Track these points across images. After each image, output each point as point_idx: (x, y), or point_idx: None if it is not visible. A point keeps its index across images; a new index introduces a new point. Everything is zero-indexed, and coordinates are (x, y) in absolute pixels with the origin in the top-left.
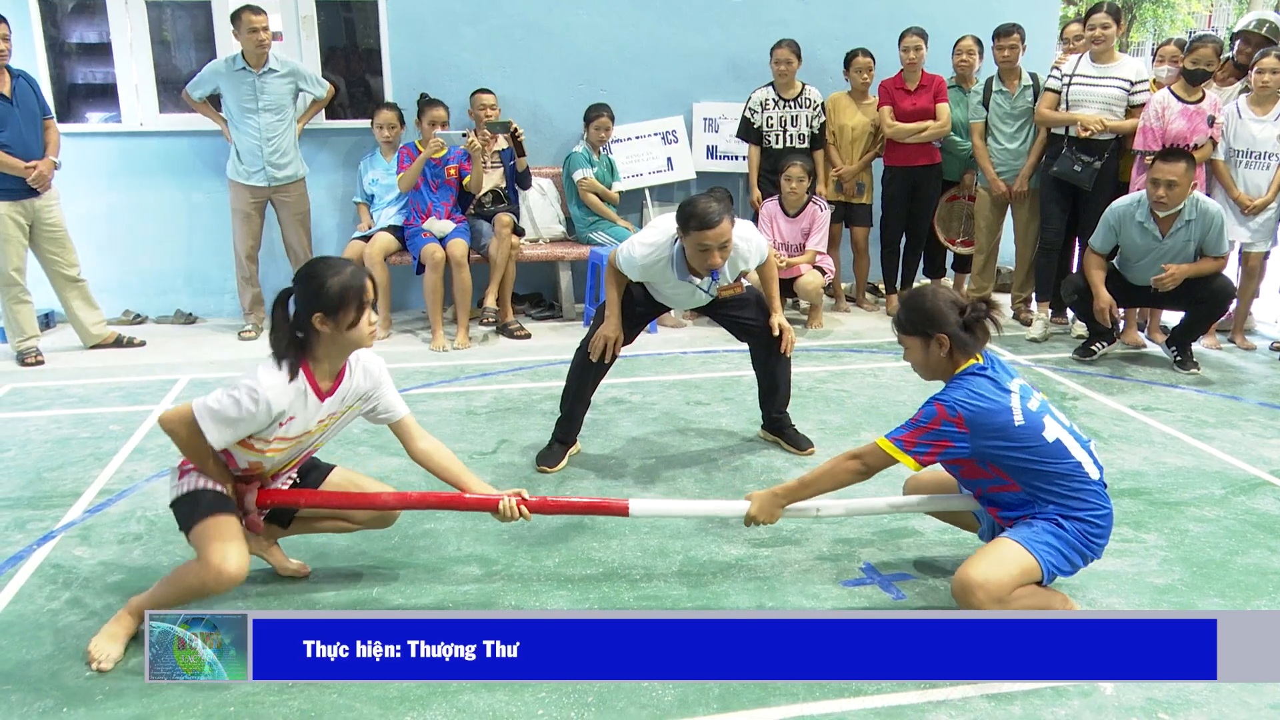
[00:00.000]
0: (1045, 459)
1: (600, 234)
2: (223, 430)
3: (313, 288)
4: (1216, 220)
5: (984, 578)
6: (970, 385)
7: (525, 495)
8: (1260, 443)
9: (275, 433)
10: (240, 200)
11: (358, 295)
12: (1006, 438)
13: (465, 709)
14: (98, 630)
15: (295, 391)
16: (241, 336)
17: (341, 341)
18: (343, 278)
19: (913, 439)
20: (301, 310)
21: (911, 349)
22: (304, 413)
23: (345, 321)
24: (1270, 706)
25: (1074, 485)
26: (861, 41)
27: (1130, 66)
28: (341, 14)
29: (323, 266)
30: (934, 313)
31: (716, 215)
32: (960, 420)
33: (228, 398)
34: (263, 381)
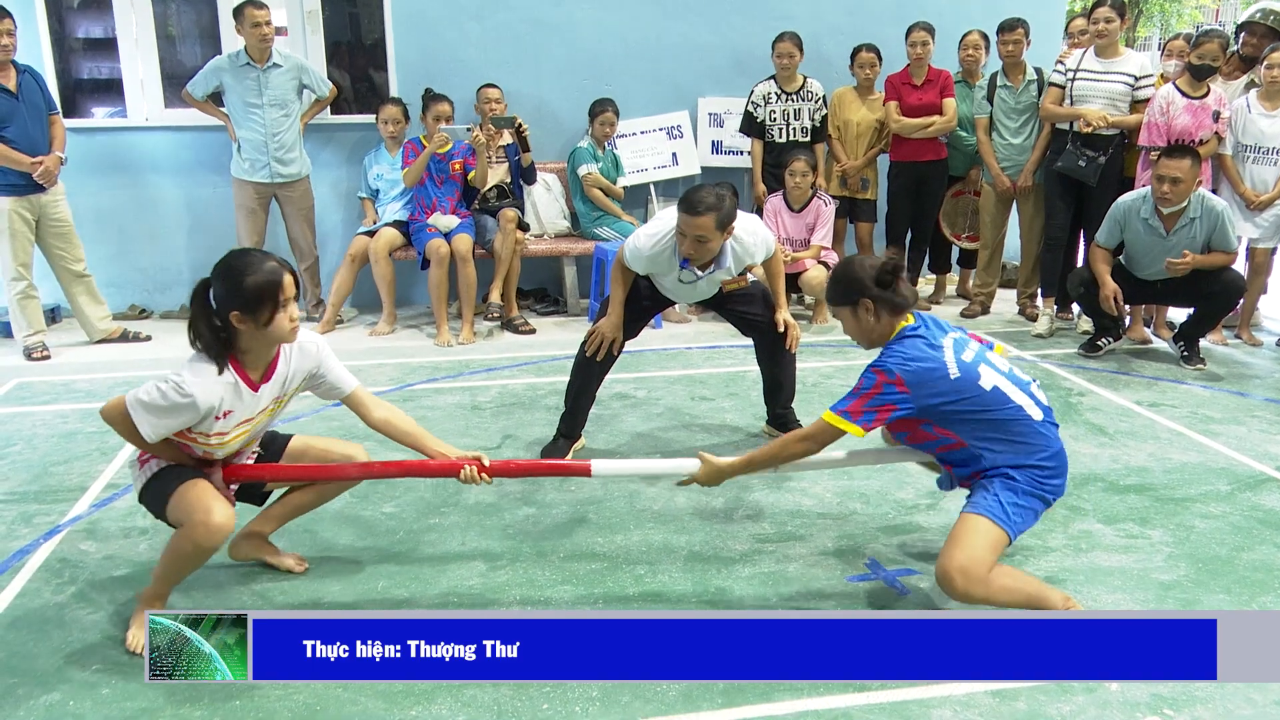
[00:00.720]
0: (985, 408)
1: (605, 229)
2: (153, 422)
3: (230, 284)
4: (1222, 217)
5: (959, 563)
6: (904, 348)
7: (484, 460)
8: (1267, 439)
9: (215, 426)
10: (244, 196)
11: (273, 294)
12: (945, 393)
13: (470, 703)
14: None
15: (224, 385)
16: None
17: (263, 337)
18: (259, 276)
19: (858, 408)
20: (220, 306)
21: (844, 319)
22: (240, 404)
23: (262, 319)
24: (1276, 703)
25: (1017, 430)
26: (867, 36)
27: (1135, 61)
28: (346, 9)
29: (241, 262)
30: (853, 281)
31: (700, 206)
32: (900, 381)
33: (156, 390)
34: (188, 378)
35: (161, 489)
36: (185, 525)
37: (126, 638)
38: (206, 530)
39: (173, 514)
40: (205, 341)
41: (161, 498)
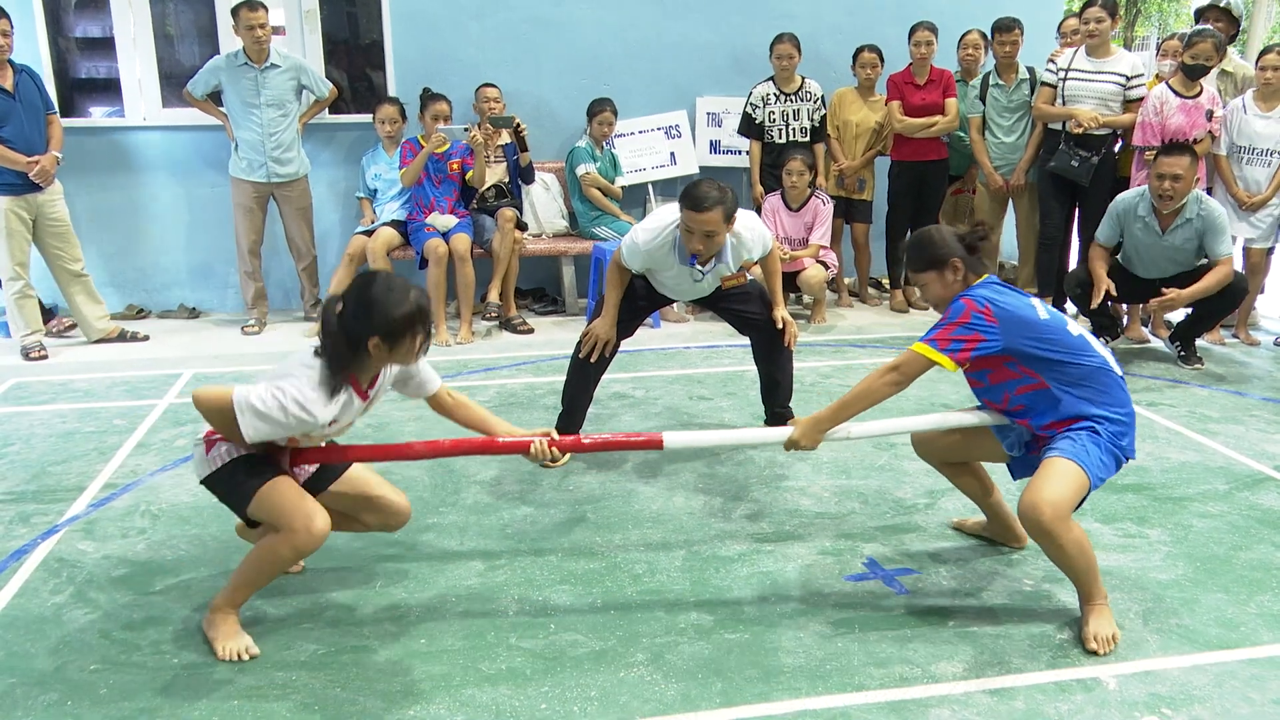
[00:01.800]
0: (1073, 353)
1: (603, 229)
2: (261, 428)
3: (374, 311)
4: (1219, 221)
5: (1049, 497)
6: (989, 289)
7: (554, 435)
8: (1264, 438)
9: (318, 433)
10: (242, 195)
11: (421, 326)
12: (1034, 332)
13: (468, 702)
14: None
15: (340, 403)
16: (244, 331)
17: (389, 362)
18: (407, 307)
19: (945, 335)
20: (356, 330)
21: (930, 284)
22: (348, 414)
23: (402, 350)
24: (1274, 701)
25: (1102, 380)
26: (867, 36)
27: (1126, 61)
28: (344, 8)
29: (385, 290)
30: (942, 243)
31: (707, 202)
32: (989, 312)
33: (274, 400)
34: (310, 396)
35: (242, 484)
36: (285, 532)
37: (217, 650)
38: (310, 537)
39: (260, 514)
40: (336, 363)
41: (243, 494)
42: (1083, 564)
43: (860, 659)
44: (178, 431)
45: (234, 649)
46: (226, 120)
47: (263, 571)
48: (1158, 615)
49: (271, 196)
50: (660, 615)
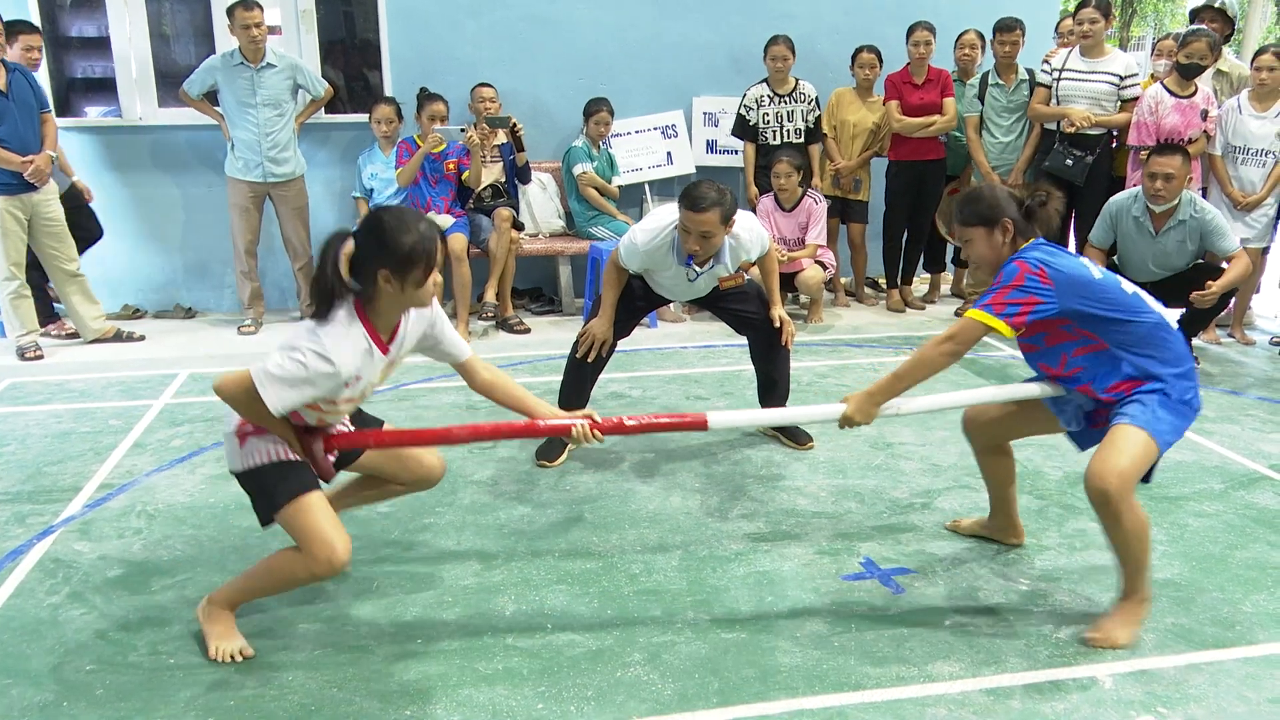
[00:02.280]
0: (1131, 311)
1: (600, 228)
2: (286, 394)
3: (381, 241)
4: (1214, 222)
5: (1117, 467)
6: (1040, 251)
7: (596, 417)
8: (1260, 437)
9: (343, 394)
10: (238, 195)
11: (427, 256)
12: (1091, 292)
13: (465, 703)
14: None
15: (360, 352)
16: (241, 331)
17: (402, 301)
18: (414, 235)
19: (1000, 299)
20: (365, 262)
21: (975, 240)
22: (369, 369)
23: (411, 281)
24: (1270, 700)
25: (1160, 337)
26: (865, 36)
27: (1120, 61)
28: (341, 7)
29: (393, 219)
30: (995, 202)
31: (704, 202)
32: (1043, 274)
33: (291, 361)
34: (328, 344)
35: (272, 491)
36: (306, 555)
37: (209, 649)
38: (330, 566)
39: (285, 527)
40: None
41: (272, 501)
42: (1137, 548)
43: (857, 658)
44: (174, 432)
45: (227, 650)
46: (222, 120)
47: (273, 584)
48: (1153, 614)
49: (268, 196)
50: (657, 615)
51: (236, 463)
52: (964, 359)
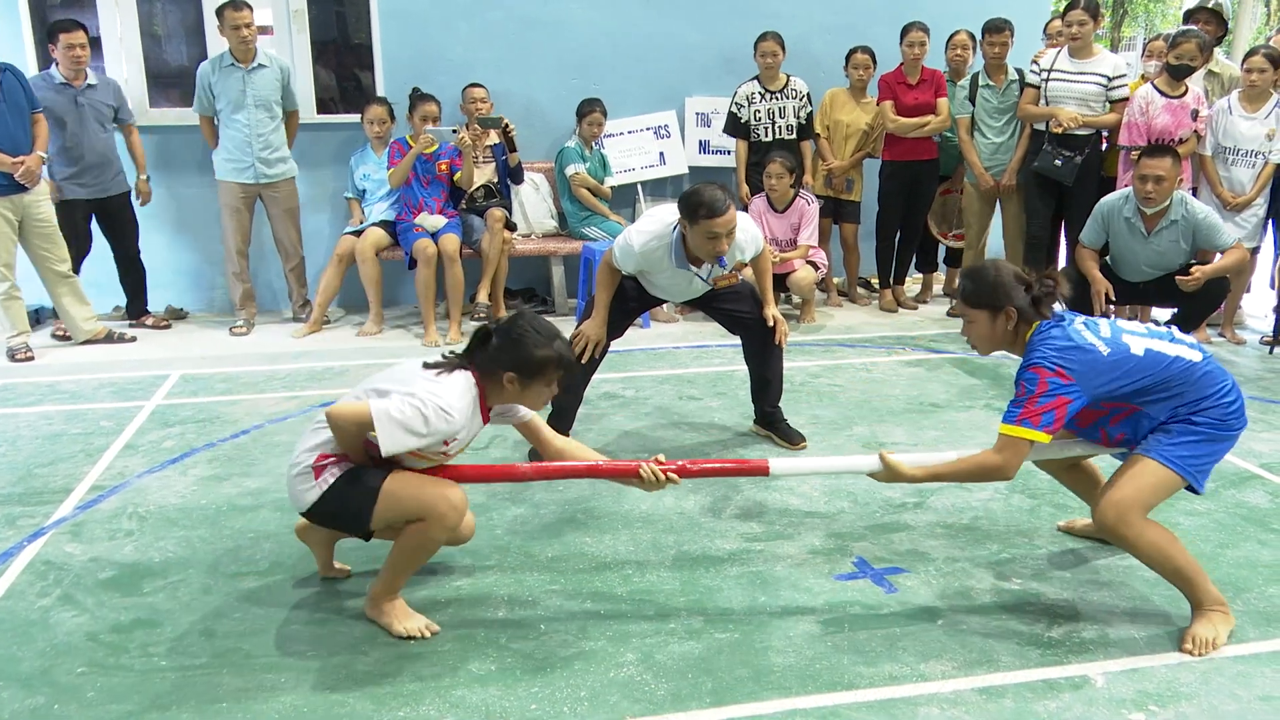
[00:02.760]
0: (1148, 372)
1: (593, 229)
2: (400, 437)
3: (517, 348)
4: (1205, 220)
5: (1116, 498)
6: (1047, 343)
7: (662, 459)
8: (1250, 436)
9: (439, 449)
10: (229, 196)
11: (556, 373)
12: (1108, 373)
13: (459, 704)
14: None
15: (472, 414)
16: (233, 332)
17: (519, 400)
18: (548, 352)
19: (1033, 411)
20: (496, 361)
21: (977, 322)
22: (468, 434)
23: (532, 391)
24: (1260, 698)
25: (1189, 381)
26: (856, 35)
27: (1109, 62)
28: (333, 8)
29: (533, 332)
30: (1003, 286)
31: (723, 203)
32: (1062, 373)
33: (412, 409)
34: (452, 401)
35: (360, 491)
36: (431, 516)
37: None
38: (456, 510)
39: (391, 512)
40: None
41: (364, 499)
42: (1168, 567)
43: (850, 658)
44: (165, 433)
45: (414, 627)
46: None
47: (416, 558)
48: (1145, 613)
49: (259, 197)
50: (650, 615)
51: (313, 494)
52: (955, 359)
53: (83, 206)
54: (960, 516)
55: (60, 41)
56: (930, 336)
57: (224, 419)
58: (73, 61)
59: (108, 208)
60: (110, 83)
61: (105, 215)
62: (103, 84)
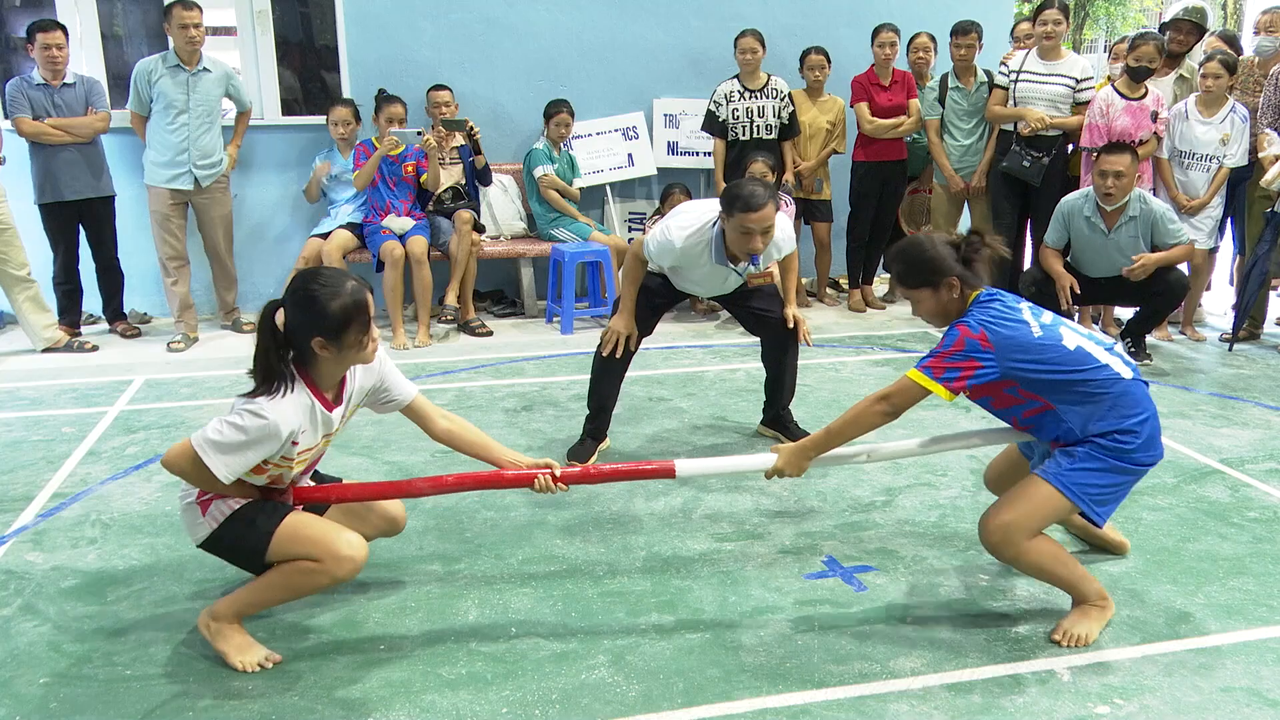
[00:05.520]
0: (1072, 367)
1: (562, 230)
2: (230, 460)
3: (310, 310)
4: (1162, 215)
5: (1000, 521)
6: (983, 310)
7: (556, 469)
8: (1210, 432)
9: (288, 451)
10: (159, 203)
11: (361, 315)
12: (1030, 352)
13: (429, 709)
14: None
15: (302, 408)
16: (170, 348)
17: (344, 361)
18: (343, 298)
19: (940, 363)
20: (298, 333)
21: (923, 300)
22: (315, 427)
23: (348, 344)
24: (1221, 690)
25: (1108, 390)
26: (820, 37)
27: (1076, 64)
28: (297, 8)
29: (317, 285)
30: (936, 260)
31: (762, 198)
32: (984, 338)
33: (229, 426)
34: (264, 404)
35: (253, 531)
36: (325, 560)
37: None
38: (354, 564)
39: (285, 553)
40: (275, 372)
41: (257, 539)
42: (1054, 578)
43: (820, 656)
44: (129, 439)
45: (253, 661)
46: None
47: (288, 594)
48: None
49: (189, 204)
50: (621, 617)
51: (202, 531)
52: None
53: (69, 209)
54: (928, 515)
55: (38, 41)
56: (898, 336)
57: (189, 424)
58: (49, 61)
59: (92, 210)
60: (88, 82)
61: (88, 218)
62: (80, 84)
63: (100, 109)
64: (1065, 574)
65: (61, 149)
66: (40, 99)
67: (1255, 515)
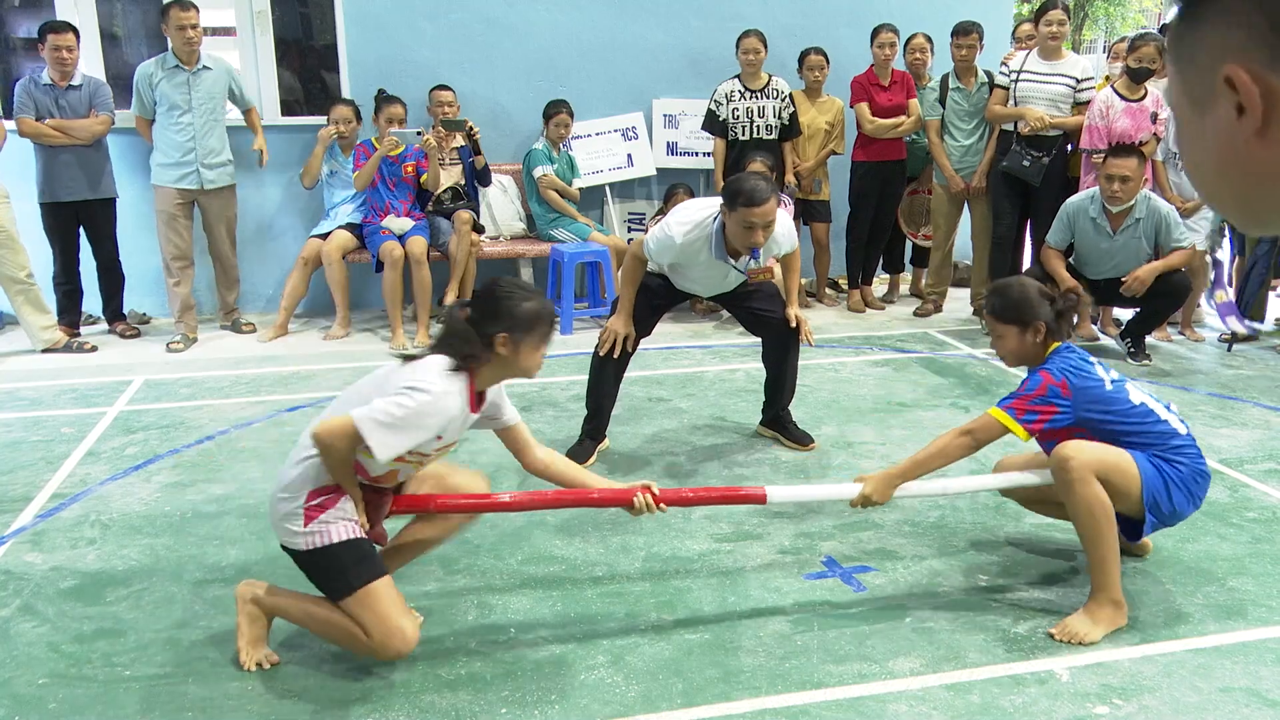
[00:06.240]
0: (1136, 421)
1: (561, 231)
2: (391, 440)
3: (502, 305)
4: (1168, 217)
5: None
6: (1063, 359)
7: (654, 489)
8: (1210, 432)
9: (429, 446)
10: (166, 203)
11: (548, 323)
12: (1102, 403)
13: (428, 709)
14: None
15: (460, 404)
16: (170, 348)
17: (511, 368)
18: (535, 303)
19: (1023, 405)
20: (481, 327)
21: (1007, 337)
22: (456, 426)
23: (528, 345)
24: (1220, 690)
25: (1168, 444)
26: (821, 37)
27: (1077, 64)
28: (297, 8)
29: (513, 287)
30: (1030, 303)
31: (764, 193)
32: (1065, 386)
33: (398, 406)
34: (440, 384)
35: (345, 575)
36: (376, 640)
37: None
38: (399, 655)
39: (355, 610)
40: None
41: (346, 585)
42: (1093, 533)
43: (819, 657)
44: (128, 440)
45: (254, 659)
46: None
47: (327, 636)
48: None
49: (196, 204)
50: (620, 617)
51: (300, 541)
52: (922, 359)
53: (68, 209)
54: (927, 515)
55: (48, 42)
56: (898, 337)
57: (188, 424)
58: (58, 62)
59: (91, 212)
60: (94, 84)
61: (88, 219)
62: (86, 86)
63: (103, 112)
64: (1107, 544)
65: (61, 150)
66: (44, 99)
67: (1254, 516)
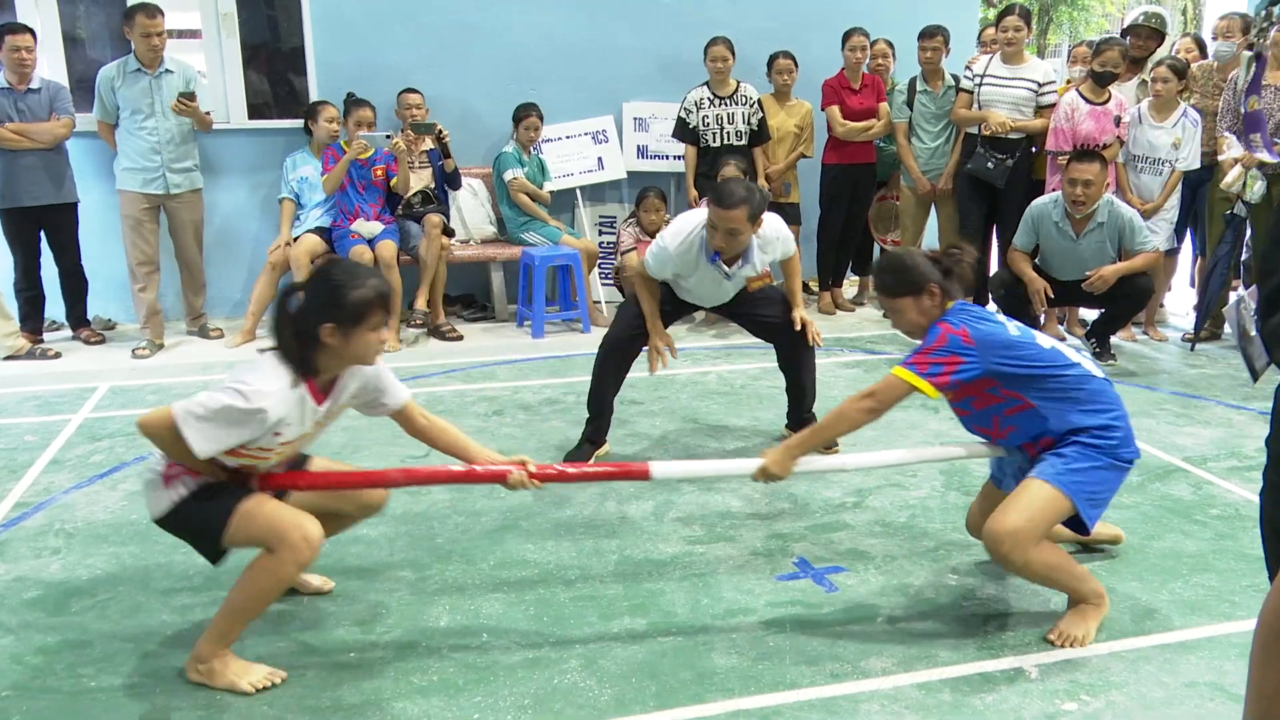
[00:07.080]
0: (1049, 364)
1: (532, 234)
2: (208, 436)
3: (328, 295)
4: (1130, 221)
5: (1010, 527)
6: (964, 310)
7: (530, 466)
8: (1174, 430)
9: (268, 442)
10: (132, 208)
11: (379, 311)
12: (1010, 349)
13: (400, 716)
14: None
15: (294, 399)
16: (135, 354)
17: (347, 356)
18: (364, 290)
19: (924, 360)
20: (310, 316)
21: (905, 309)
22: (301, 420)
23: (356, 340)
24: (1186, 685)
25: (1084, 387)
26: (792, 41)
27: (1039, 69)
28: (264, 11)
29: (342, 272)
30: (917, 268)
31: (733, 199)
32: (966, 334)
33: (215, 401)
34: (259, 386)
35: (212, 510)
36: (281, 548)
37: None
38: (309, 544)
39: (241, 537)
40: (288, 352)
41: (215, 519)
42: (1059, 583)
43: (792, 657)
44: (93, 447)
45: (257, 681)
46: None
47: (260, 598)
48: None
49: (161, 209)
50: (593, 620)
51: (160, 505)
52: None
53: (29, 215)
54: (898, 515)
55: (5, 44)
56: (868, 338)
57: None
58: (16, 65)
59: (52, 217)
60: (53, 88)
61: (49, 225)
62: (45, 89)
63: (64, 115)
64: (1068, 577)
65: (22, 154)
66: (3, 103)
67: (1217, 513)
